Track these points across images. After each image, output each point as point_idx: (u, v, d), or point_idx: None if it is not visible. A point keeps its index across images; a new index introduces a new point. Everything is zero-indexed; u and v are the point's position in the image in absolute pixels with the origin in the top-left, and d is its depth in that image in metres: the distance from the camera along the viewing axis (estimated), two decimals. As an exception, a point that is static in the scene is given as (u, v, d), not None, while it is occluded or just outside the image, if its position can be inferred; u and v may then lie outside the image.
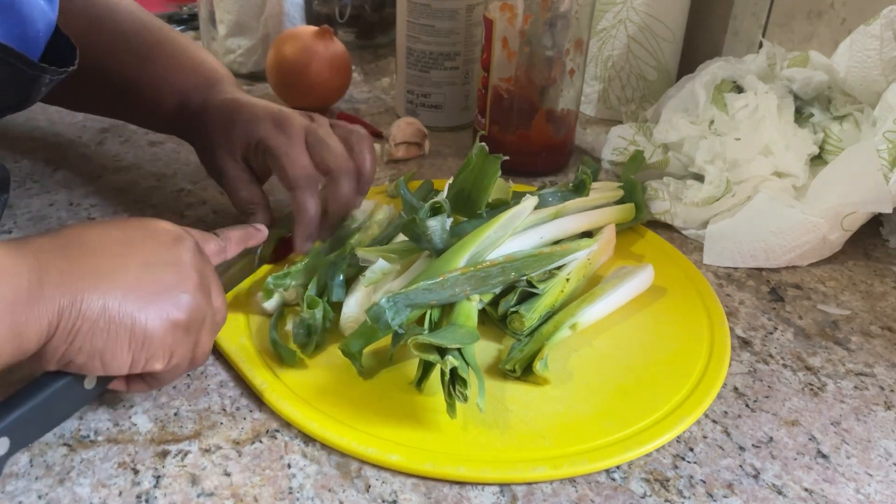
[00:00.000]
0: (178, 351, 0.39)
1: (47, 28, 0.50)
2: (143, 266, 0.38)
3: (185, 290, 0.39)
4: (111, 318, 0.36)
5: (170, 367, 0.39)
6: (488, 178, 0.51)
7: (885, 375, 0.49)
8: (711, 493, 0.40)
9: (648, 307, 0.53)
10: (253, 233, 0.50)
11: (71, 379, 0.38)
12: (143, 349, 0.37)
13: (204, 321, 0.40)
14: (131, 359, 0.37)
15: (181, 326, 0.38)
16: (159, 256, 0.39)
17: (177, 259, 0.40)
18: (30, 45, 0.48)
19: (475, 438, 0.42)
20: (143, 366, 0.38)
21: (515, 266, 0.48)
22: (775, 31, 0.79)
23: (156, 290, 0.38)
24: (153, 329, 0.37)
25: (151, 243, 0.40)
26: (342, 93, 0.83)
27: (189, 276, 0.39)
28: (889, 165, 0.57)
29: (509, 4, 0.64)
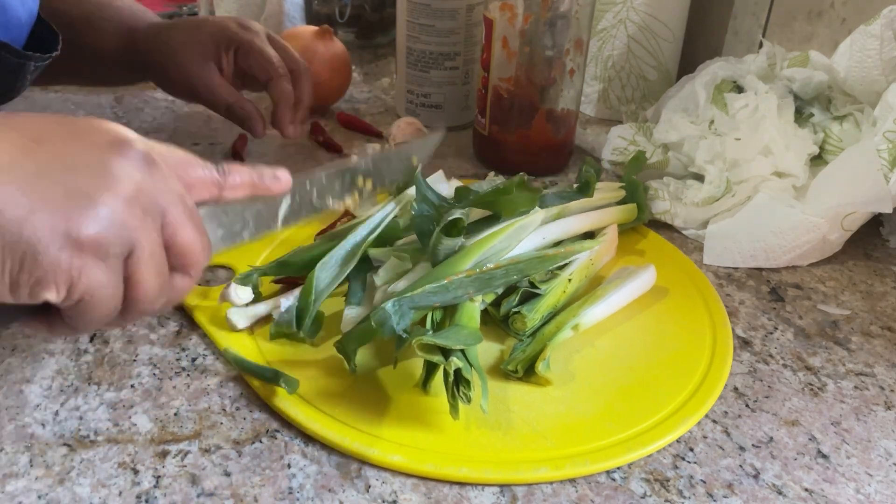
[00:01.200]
0: (82, 280, 0.30)
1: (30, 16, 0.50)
2: (45, 166, 0.29)
3: (103, 202, 0.30)
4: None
5: (74, 300, 0.31)
6: (521, 203, 0.51)
7: (885, 375, 0.49)
8: (711, 493, 0.40)
9: (650, 308, 0.53)
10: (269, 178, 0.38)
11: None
12: (24, 270, 0.29)
13: (135, 251, 0.31)
14: (9, 280, 0.29)
15: (85, 246, 0.30)
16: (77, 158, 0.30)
17: (103, 164, 0.31)
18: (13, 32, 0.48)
19: (477, 439, 0.41)
20: (28, 293, 0.30)
21: (519, 268, 0.48)
22: (775, 31, 0.79)
23: (55, 195, 0.29)
24: (37, 244, 0.29)
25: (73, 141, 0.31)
26: (342, 93, 0.83)
27: (112, 185, 0.30)
28: (889, 165, 0.57)
29: (509, 4, 0.64)
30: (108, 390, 0.44)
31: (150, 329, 0.49)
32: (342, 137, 0.77)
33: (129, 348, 0.47)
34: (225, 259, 0.55)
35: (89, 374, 0.45)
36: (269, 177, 0.38)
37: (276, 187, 0.39)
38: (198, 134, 0.76)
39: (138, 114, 0.79)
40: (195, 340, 0.48)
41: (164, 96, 0.84)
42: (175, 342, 0.48)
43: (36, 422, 0.42)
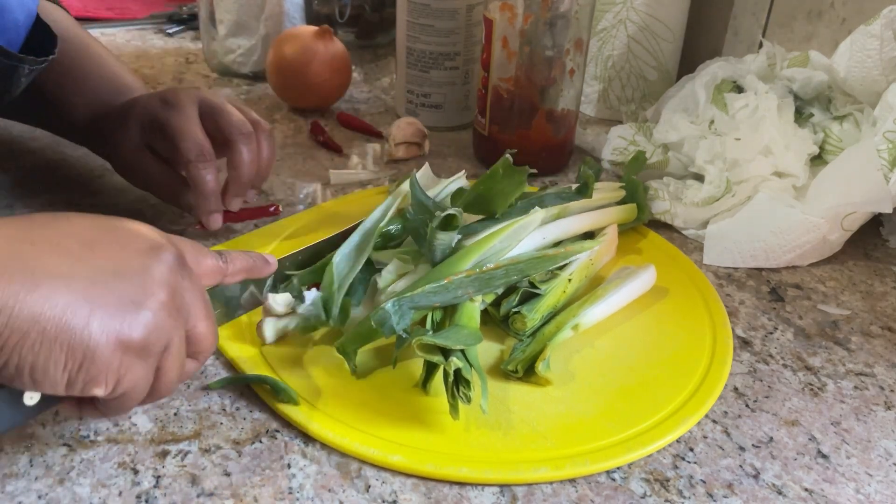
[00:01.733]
0: (127, 377, 0.33)
1: (27, 18, 0.49)
2: (98, 273, 0.33)
3: (146, 307, 0.33)
4: (45, 331, 0.31)
5: (117, 394, 0.34)
6: (511, 189, 0.51)
7: (885, 375, 0.49)
8: (711, 493, 0.40)
9: (650, 308, 0.53)
10: (261, 264, 0.44)
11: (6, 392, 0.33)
12: (82, 370, 0.32)
13: (169, 347, 0.35)
14: (66, 379, 0.32)
15: (133, 349, 0.33)
16: (124, 264, 0.34)
17: (144, 270, 0.34)
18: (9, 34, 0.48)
19: (477, 439, 0.41)
20: (81, 388, 0.32)
21: (519, 268, 0.48)
22: (775, 31, 0.79)
23: (108, 302, 0.32)
24: (96, 348, 0.32)
25: (119, 248, 0.34)
26: (342, 93, 0.83)
27: (155, 291, 0.34)
28: (889, 165, 0.57)
29: (509, 4, 0.64)
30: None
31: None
32: (342, 137, 0.77)
33: (129, 348, 0.47)
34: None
35: (89, 374, 0.45)
36: (262, 261, 0.44)
37: (267, 270, 0.44)
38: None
39: (138, 114, 0.79)
40: (195, 340, 0.48)
41: (164, 96, 0.84)
42: (175, 342, 0.48)
43: (36, 422, 0.42)
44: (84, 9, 1.07)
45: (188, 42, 1.01)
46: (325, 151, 0.74)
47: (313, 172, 0.69)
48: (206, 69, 0.92)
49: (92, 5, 1.09)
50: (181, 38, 1.02)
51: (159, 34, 1.03)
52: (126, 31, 1.04)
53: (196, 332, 0.37)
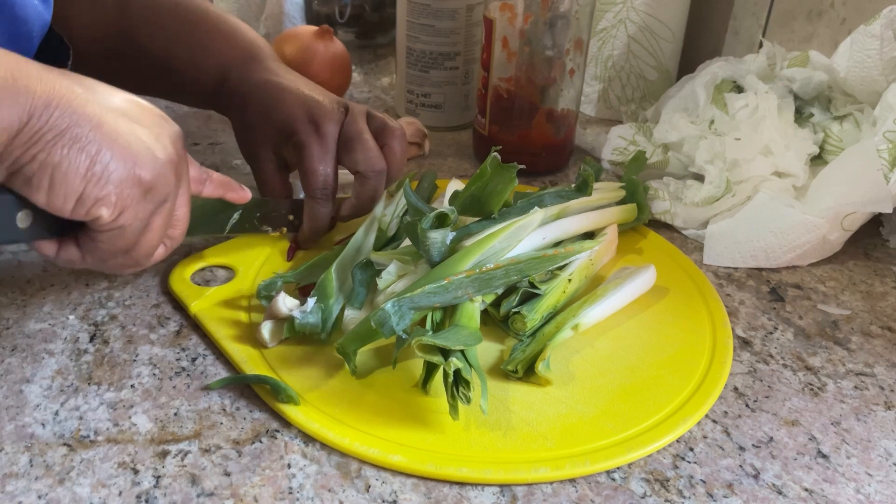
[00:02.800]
0: (129, 210, 0.36)
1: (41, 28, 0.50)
2: (124, 115, 0.36)
3: (158, 154, 0.37)
4: (78, 136, 0.34)
5: (115, 225, 0.37)
6: (503, 186, 0.51)
7: (885, 375, 0.49)
8: (711, 493, 0.40)
9: (650, 308, 0.53)
10: (236, 188, 0.47)
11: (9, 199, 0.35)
12: (97, 185, 0.35)
13: (165, 202, 0.38)
14: (83, 189, 0.34)
15: (143, 185, 0.36)
16: (145, 118, 0.38)
17: (160, 125, 0.38)
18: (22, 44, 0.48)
19: (477, 439, 0.41)
20: (89, 206, 0.35)
21: (519, 268, 0.48)
22: (775, 31, 0.79)
23: (130, 138, 0.36)
24: (115, 168, 0.35)
25: (136, 105, 0.38)
26: (342, 93, 0.83)
27: (167, 145, 0.38)
28: (889, 165, 0.57)
29: (509, 4, 0.64)
30: (108, 390, 0.44)
31: (150, 329, 0.49)
32: (342, 137, 0.77)
33: (129, 348, 0.47)
34: (225, 260, 0.55)
35: (89, 374, 0.45)
36: (237, 186, 0.47)
37: (239, 196, 0.47)
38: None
39: (138, 114, 0.79)
40: (195, 340, 0.48)
41: (164, 96, 0.84)
42: (175, 342, 0.48)
43: (36, 422, 0.42)
44: (84, 9, 1.07)
45: (188, 42, 1.01)
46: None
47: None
48: (206, 69, 0.92)
49: (92, 5, 1.09)
50: (181, 38, 1.02)
51: (159, 34, 1.03)
52: (126, 31, 1.03)
53: (177, 213, 0.40)
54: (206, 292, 0.51)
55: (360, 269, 0.50)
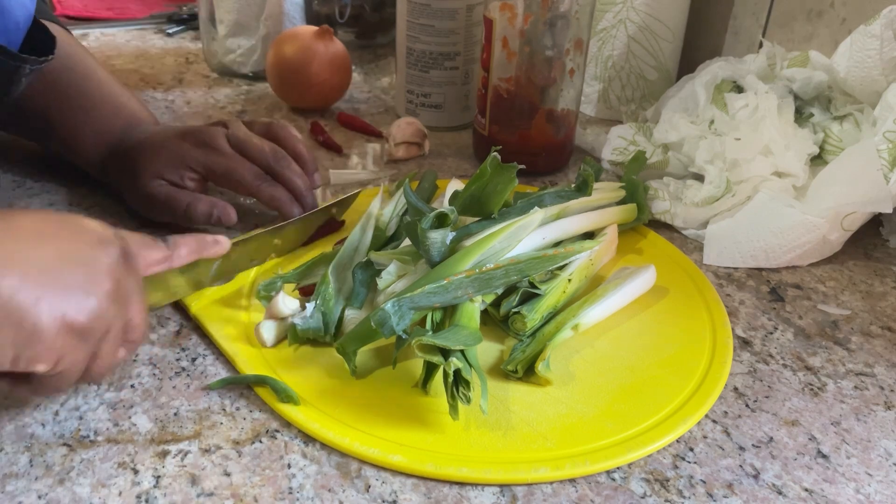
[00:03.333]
0: (68, 357, 0.36)
1: (26, 20, 0.50)
2: (49, 261, 0.35)
3: (91, 294, 0.36)
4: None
5: (55, 372, 0.36)
6: (503, 186, 0.51)
7: (885, 375, 0.49)
8: (711, 493, 0.40)
9: (650, 308, 0.53)
10: (210, 243, 0.47)
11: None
12: (28, 346, 0.34)
13: (108, 332, 0.37)
14: (13, 354, 0.34)
15: (76, 331, 0.35)
16: (72, 254, 0.36)
17: (91, 260, 0.37)
18: (10, 36, 0.48)
19: (477, 439, 0.41)
20: (25, 364, 0.35)
21: (519, 268, 0.48)
22: (775, 31, 0.79)
23: (57, 286, 0.35)
24: (44, 327, 0.34)
25: (68, 239, 0.37)
26: (342, 93, 0.83)
27: (100, 280, 0.36)
28: (889, 165, 0.57)
29: (509, 4, 0.64)
30: (108, 390, 0.44)
31: (150, 329, 0.49)
32: (342, 137, 0.77)
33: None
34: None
35: (89, 374, 0.45)
36: (211, 243, 0.47)
37: (217, 250, 0.47)
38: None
39: (138, 114, 0.79)
40: (195, 340, 0.48)
41: (163, 96, 0.84)
42: (175, 342, 0.48)
43: (36, 422, 0.42)
44: (84, 9, 1.07)
45: (188, 42, 1.01)
46: (325, 151, 0.74)
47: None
48: (206, 69, 0.92)
49: (92, 5, 1.09)
50: (181, 38, 1.02)
51: (159, 34, 1.03)
52: (126, 31, 1.04)
53: (132, 322, 0.39)
54: (205, 292, 0.51)
55: (361, 270, 0.50)
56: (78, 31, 1.02)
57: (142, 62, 0.94)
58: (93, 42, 1.00)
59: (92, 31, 1.02)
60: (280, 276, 0.50)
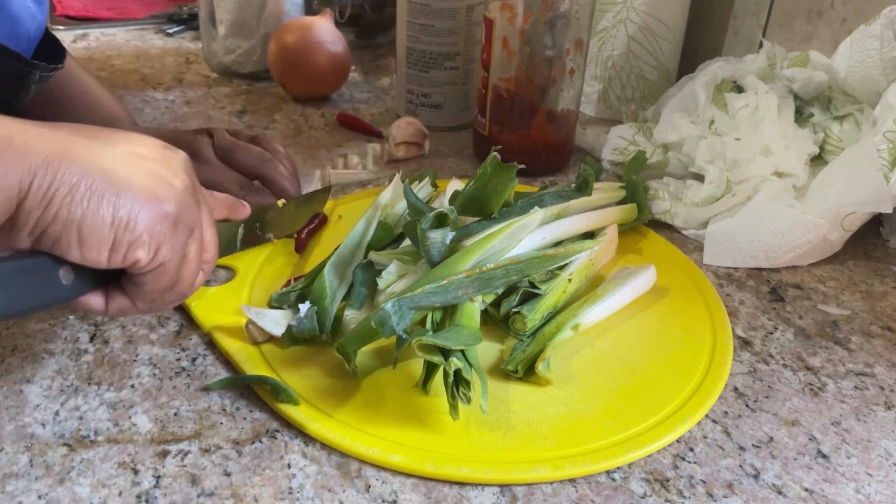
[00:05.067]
0: (165, 245, 0.35)
1: (38, 29, 0.50)
2: (132, 155, 0.35)
3: (175, 184, 0.36)
4: (93, 186, 0.32)
5: (155, 264, 0.36)
6: (503, 186, 0.51)
7: (885, 375, 0.49)
8: (711, 493, 0.40)
9: (651, 308, 0.53)
10: (238, 205, 0.48)
11: (45, 259, 0.34)
12: (127, 229, 0.34)
13: (194, 231, 0.38)
14: (113, 237, 0.33)
15: (170, 218, 0.35)
16: (151, 151, 0.37)
17: (166, 158, 0.37)
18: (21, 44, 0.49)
19: (477, 439, 0.41)
20: (124, 252, 0.34)
21: (519, 268, 0.48)
22: (775, 31, 0.79)
23: (145, 175, 0.35)
24: (140, 209, 0.34)
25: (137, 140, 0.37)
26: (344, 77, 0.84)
27: (179, 174, 0.37)
28: (889, 165, 0.57)
29: (509, 4, 0.64)
30: (108, 390, 0.44)
31: (150, 329, 0.49)
32: (342, 137, 0.77)
33: (129, 348, 0.47)
34: (225, 260, 0.55)
35: (89, 374, 0.45)
36: (239, 203, 0.48)
37: (244, 211, 0.48)
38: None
39: (138, 113, 0.79)
40: (195, 340, 0.48)
41: (163, 96, 0.84)
42: (175, 342, 0.48)
43: (36, 422, 0.42)
44: (84, 9, 1.07)
45: (188, 42, 1.01)
46: (324, 151, 0.74)
47: (313, 172, 0.69)
48: (206, 69, 0.92)
49: (92, 5, 1.09)
50: (181, 38, 1.02)
51: (159, 34, 1.03)
52: (126, 31, 1.04)
53: (206, 237, 0.40)
54: (206, 292, 0.51)
55: (361, 270, 0.50)
56: (78, 31, 1.02)
57: (142, 62, 0.94)
58: (93, 42, 0.99)
59: (92, 31, 1.02)
60: (292, 289, 0.50)
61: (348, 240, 0.53)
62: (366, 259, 0.51)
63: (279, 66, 0.82)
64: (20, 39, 0.49)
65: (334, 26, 0.83)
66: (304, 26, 0.81)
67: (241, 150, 0.58)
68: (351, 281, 0.50)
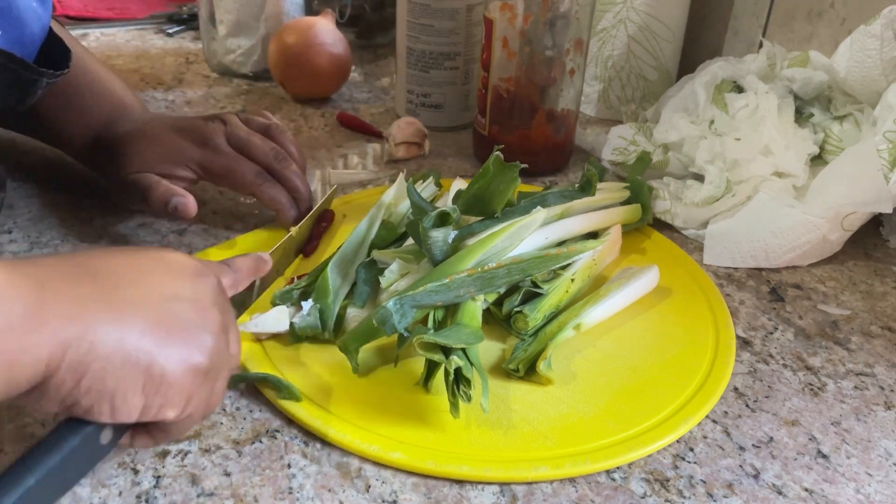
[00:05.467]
0: (194, 399, 0.34)
1: (42, 31, 0.50)
2: (164, 300, 0.34)
3: (208, 331, 0.35)
4: (127, 356, 0.31)
5: (183, 416, 0.35)
6: (505, 186, 0.51)
7: (885, 375, 0.49)
8: (711, 493, 0.40)
9: (653, 308, 0.53)
10: (262, 263, 0.46)
11: (89, 432, 0.33)
12: (159, 394, 0.33)
13: (222, 368, 0.36)
14: (143, 403, 0.32)
15: (201, 371, 0.34)
16: (181, 291, 0.35)
17: (199, 296, 0.35)
18: (27, 48, 0.48)
19: (478, 438, 0.41)
20: (155, 413, 0.33)
21: (521, 267, 0.48)
22: (775, 31, 0.79)
23: (177, 328, 0.33)
24: (172, 372, 0.33)
25: (172, 276, 0.35)
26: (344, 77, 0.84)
27: (212, 315, 0.35)
28: (889, 165, 0.57)
29: (509, 4, 0.64)
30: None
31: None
32: (342, 137, 0.77)
33: (130, 348, 0.47)
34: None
35: (89, 373, 0.45)
36: (262, 261, 0.46)
37: (266, 267, 0.46)
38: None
39: (138, 113, 0.79)
40: (195, 340, 0.48)
41: (163, 96, 0.84)
42: (175, 342, 0.48)
43: (36, 422, 0.42)
44: (84, 9, 1.07)
45: (188, 42, 1.01)
46: (324, 151, 0.74)
47: (313, 173, 0.69)
48: (206, 69, 0.92)
49: (92, 5, 1.09)
50: (181, 38, 1.02)
51: (159, 34, 1.03)
52: (126, 31, 1.04)
53: (233, 350, 0.38)
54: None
55: (364, 268, 0.50)
56: (78, 31, 1.02)
57: (142, 62, 0.94)
58: (93, 42, 0.99)
59: (92, 31, 1.02)
60: (296, 286, 0.50)
61: (351, 238, 0.53)
62: (368, 257, 0.51)
63: (280, 67, 0.82)
64: (26, 43, 0.48)
65: (335, 27, 0.83)
66: (305, 27, 0.81)
67: (253, 146, 0.58)
68: (354, 279, 0.50)
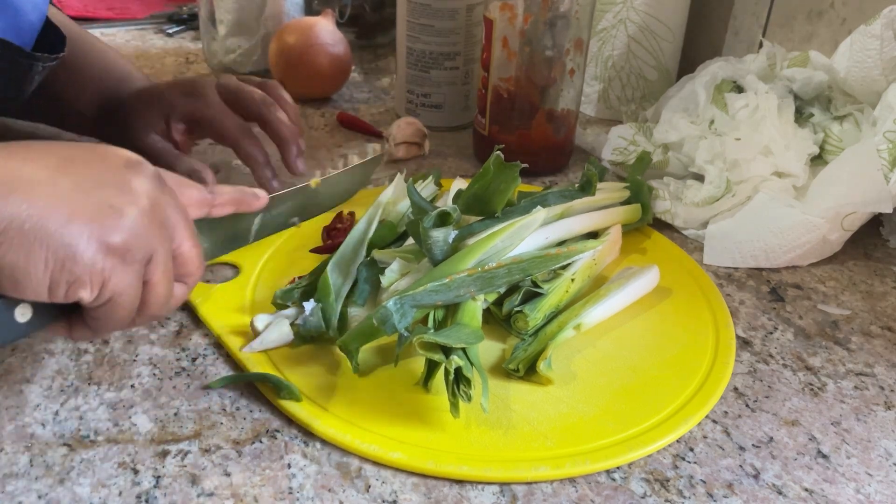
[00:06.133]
0: (112, 281, 0.34)
1: (39, 18, 0.50)
2: (79, 181, 0.33)
3: (126, 213, 0.34)
4: (22, 229, 0.31)
5: (103, 300, 0.34)
6: (506, 185, 0.51)
7: (885, 375, 0.49)
8: (711, 493, 0.40)
9: (653, 308, 0.53)
10: (250, 197, 0.45)
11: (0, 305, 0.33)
12: (64, 270, 0.32)
13: (154, 258, 0.35)
14: (49, 279, 0.32)
15: (117, 251, 0.33)
16: (104, 175, 0.35)
17: (123, 181, 0.35)
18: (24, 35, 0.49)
19: (478, 438, 0.41)
20: (65, 291, 0.33)
21: (522, 267, 0.48)
22: (775, 31, 0.79)
23: (88, 206, 0.33)
24: (76, 247, 0.32)
25: (98, 161, 0.35)
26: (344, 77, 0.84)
27: (135, 199, 0.35)
28: (889, 165, 0.57)
29: (509, 4, 0.64)
30: (108, 390, 0.44)
31: (150, 329, 0.49)
32: (342, 137, 0.77)
33: (129, 348, 0.47)
34: (229, 257, 0.54)
35: (89, 374, 0.45)
36: (250, 195, 0.44)
37: (257, 204, 0.45)
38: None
39: (138, 114, 0.79)
40: (195, 340, 0.48)
41: (163, 96, 0.84)
42: (175, 342, 0.48)
43: (36, 422, 0.42)
44: (84, 9, 1.07)
45: (188, 42, 1.01)
46: (324, 151, 0.74)
47: (313, 173, 0.69)
48: (206, 69, 0.92)
49: (92, 5, 1.09)
50: (181, 38, 1.02)
51: (159, 34, 1.03)
52: (126, 31, 1.04)
53: (181, 252, 0.37)
54: (210, 290, 0.51)
55: (364, 268, 0.50)
56: (78, 30, 1.02)
57: (142, 62, 0.94)
58: (92, 42, 0.99)
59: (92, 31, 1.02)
60: (297, 285, 0.50)
61: (350, 237, 0.53)
62: (368, 257, 0.51)
63: (280, 67, 0.82)
64: (23, 31, 0.48)
65: (335, 27, 0.83)
66: (305, 27, 0.81)
67: (244, 91, 0.58)
68: (354, 278, 0.50)
